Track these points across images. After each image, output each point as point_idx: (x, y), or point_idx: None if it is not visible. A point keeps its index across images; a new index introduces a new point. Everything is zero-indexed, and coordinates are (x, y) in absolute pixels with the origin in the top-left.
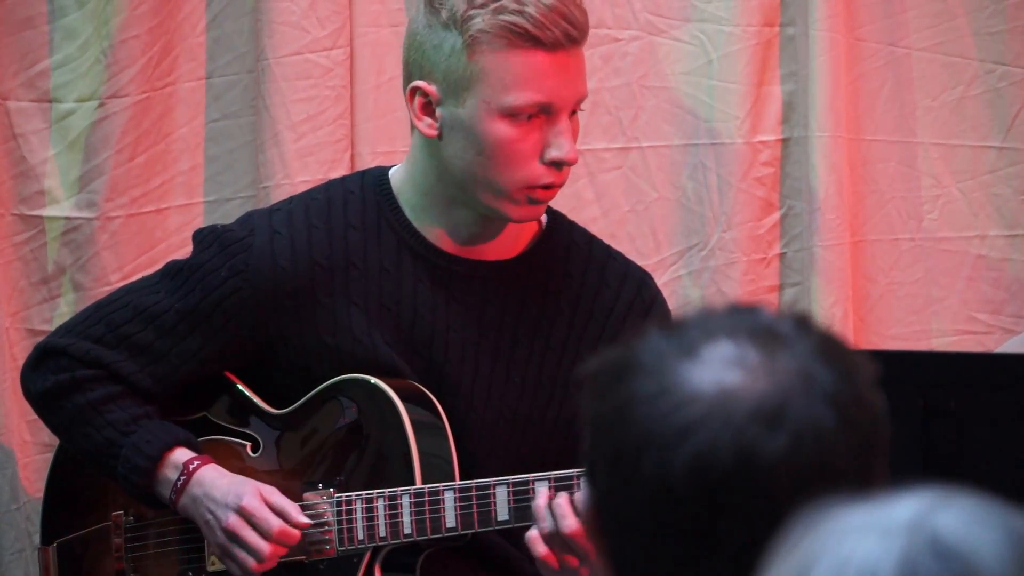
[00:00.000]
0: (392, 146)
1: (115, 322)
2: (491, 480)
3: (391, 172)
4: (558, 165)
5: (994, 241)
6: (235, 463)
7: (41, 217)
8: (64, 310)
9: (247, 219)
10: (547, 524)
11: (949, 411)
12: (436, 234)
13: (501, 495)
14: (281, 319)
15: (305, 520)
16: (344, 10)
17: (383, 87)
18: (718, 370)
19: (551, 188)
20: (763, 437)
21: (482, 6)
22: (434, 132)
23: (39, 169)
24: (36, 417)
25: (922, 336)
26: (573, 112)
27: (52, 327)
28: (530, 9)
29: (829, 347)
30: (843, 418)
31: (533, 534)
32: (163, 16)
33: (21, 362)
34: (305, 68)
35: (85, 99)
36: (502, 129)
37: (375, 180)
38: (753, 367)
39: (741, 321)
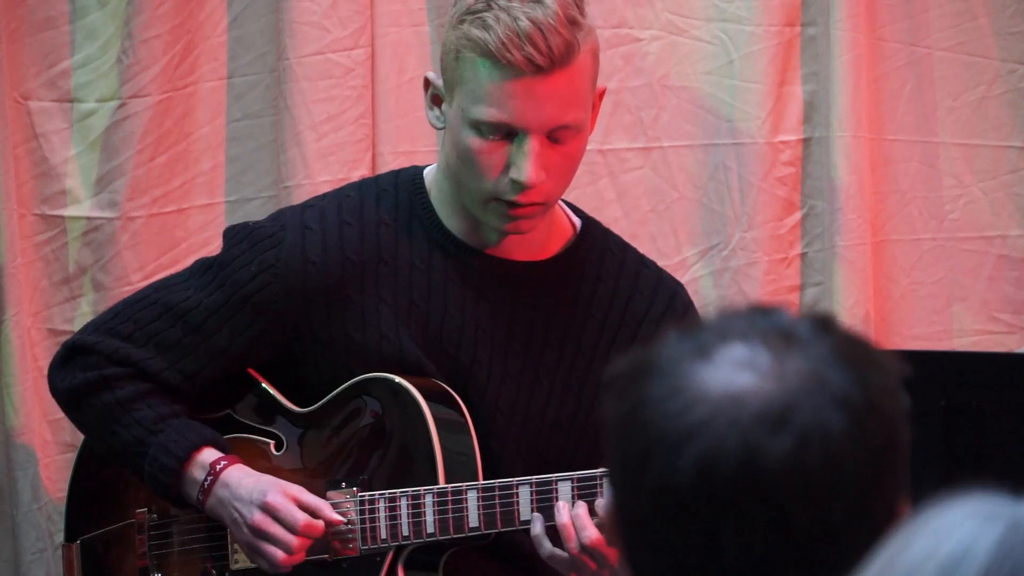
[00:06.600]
0: (413, 146)
1: (143, 319)
2: (514, 480)
3: (425, 171)
4: (517, 186)
5: (1016, 241)
6: (260, 461)
7: (62, 217)
8: (85, 310)
9: (278, 215)
10: (574, 544)
11: (970, 410)
12: (465, 232)
13: (524, 495)
14: (310, 315)
15: (338, 517)
16: (365, 10)
17: (404, 87)
18: (728, 372)
19: (523, 207)
20: (768, 439)
21: (471, 13)
22: (439, 124)
23: (60, 169)
24: (58, 417)
25: (943, 336)
26: (554, 135)
27: (73, 327)
28: (498, 29)
29: (847, 350)
30: (854, 423)
31: (538, 532)
32: (184, 16)
33: (43, 362)
34: (326, 68)
35: (106, 99)
36: (471, 139)
37: (409, 178)
38: (764, 369)
39: (757, 323)
